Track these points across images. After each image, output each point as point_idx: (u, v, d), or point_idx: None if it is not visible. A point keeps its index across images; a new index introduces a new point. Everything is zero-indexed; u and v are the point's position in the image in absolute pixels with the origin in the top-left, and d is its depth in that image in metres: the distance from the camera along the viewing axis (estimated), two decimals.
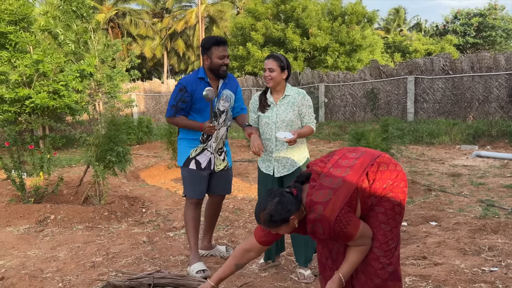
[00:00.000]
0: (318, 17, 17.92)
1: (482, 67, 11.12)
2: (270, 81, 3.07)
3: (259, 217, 2.11)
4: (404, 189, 2.14)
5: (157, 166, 8.39)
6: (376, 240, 2.08)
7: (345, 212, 1.98)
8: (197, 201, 3.30)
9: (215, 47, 3.11)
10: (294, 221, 2.07)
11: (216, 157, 3.33)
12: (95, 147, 4.95)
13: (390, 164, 2.15)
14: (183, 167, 3.28)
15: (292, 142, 2.96)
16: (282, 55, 3.17)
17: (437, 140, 10.44)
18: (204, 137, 3.26)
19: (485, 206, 4.83)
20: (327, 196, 2.01)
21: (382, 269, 2.07)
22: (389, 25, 37.43)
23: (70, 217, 4.53)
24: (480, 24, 28.44)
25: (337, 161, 2.16)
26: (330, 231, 1.99)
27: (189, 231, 3.30)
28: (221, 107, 3.27)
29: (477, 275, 3.07)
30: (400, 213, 2.13)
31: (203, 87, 3.12)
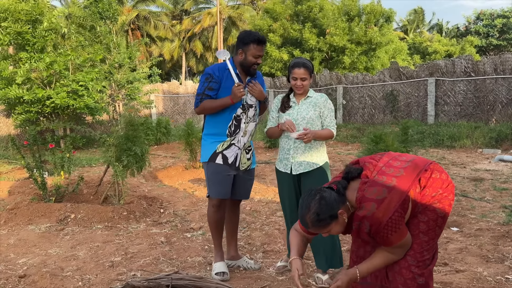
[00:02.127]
0: (334, 17, 17.79)
1: (505, 69, 10.86)
2: (301, 89, 3.07)
3: (306, 221, 1.99)
4: (451, 202, 2.06)
5: (174, 167, 8.45)
6: (411, 249, 2.00)
7: (398, 215, 1.89)
8: (220, 201, 3.18)
9: (254, 45, 3.02)
10: (344, 216, 1.97)
11: (243, 154, 3.21)
12: (114, 147, 5.02)
13: (442, 172, 2.07)
14: (209, 163, 3.14)
15: (306, 139, 2.93)
16: (308, 59, 3.16)
17: (458, 143, 10.22)
18: (231, 130, 3.14)
19: (508, 212, 4.70)
20: (382, 194, 1.91)
21: (412, 280, 1.99)
22: (408, 26, 36.91)
23: (89, 217, 4.59)
24: (504, 25, 27.82)
25: (388, 162, 2.08)
26: (376, 232, 1.90)
27: (213, 233, 3.25)
28: (249, 100, 3.17)
29: (500, 283, 2.99)
30: (441, 226, 2.05)
31: (231, 77, 3.07)
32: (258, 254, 3.70)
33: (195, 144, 7.95)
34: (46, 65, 8.30)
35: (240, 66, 3.12)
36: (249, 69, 3.10)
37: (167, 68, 36.34)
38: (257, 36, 3.04)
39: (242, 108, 3.15)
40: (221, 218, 3.25)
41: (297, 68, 3.04)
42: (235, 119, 3.14)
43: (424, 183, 2.01)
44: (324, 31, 17.96)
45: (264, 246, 3.90)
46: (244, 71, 3.13)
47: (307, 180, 3.09)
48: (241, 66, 3.12)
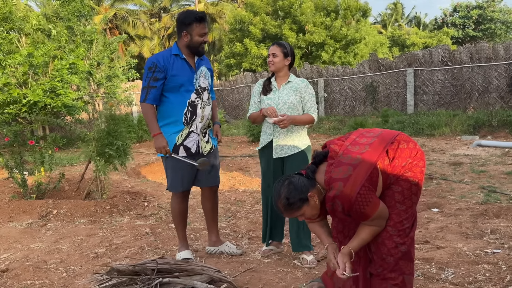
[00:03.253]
0: (313, 12, 17.90)
1: (481, 57, 11.10)
2: (272, 65, 3.11)
3: (279, 207, 2.06)
4: (423, 169, 2.10)
5: (158, 163, 8.39)
6: (391, 219, 2.05)
7: (366, 189, 1.94)
8: (183, 193, 3.14)
9: (197, 24, 2.92)
10: (314, 199, 2.02)
11: (201, 139, 3.11)
12: (95, 142, 4.96)
13: (410, 142, 2.12)
14: (169, 157, 3.02)
15: (282, 125, 2.97)
16: (287, 42, 3.19)
17: (437, 131, 10.42)
18: (187, 117, 3.02)
19: (486, 192, 4.82)
20: (347, 172, 1.95)
21: (395, 248, 2.04)
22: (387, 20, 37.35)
23: (72, 212, 4.54)
24: (479, 16, 28.42)
25: (354, 140, 2.12)
26: (349, 209, 1.95)
27: (177, 224, 3.20)
28: (202, 83, 3.08)
29: (479, 257, 3.08)
30: (416, 194, 2.09)
31: (179, 64, 2.98)
32: (243, 241, 3.72)
33: None
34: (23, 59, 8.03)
35: (187, 48, 3.00)
36: (198, 49, 3.00)
37: None
38: (197, 14, 2.94)
39: (196, 93, 3.04)
40: (185, 209, 3.21)
41: (271, 46, 3.13)
42: (190, 105, 3.02)
43: (392, 154, 2.06)
44: (303, 27, 18.05)
45: (250, 233, 3.92)
46: (192, 52, 3.03)
47: (289, 164, 3.12)
48: (188, 48, 3.00)
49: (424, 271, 2.90)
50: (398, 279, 2.04)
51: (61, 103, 9.04)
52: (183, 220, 3.23)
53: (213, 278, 2.54)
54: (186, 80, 3.01)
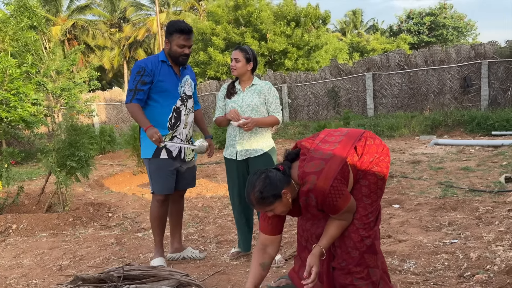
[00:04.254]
0: (272, 21, 18.16)
1: (435, 60, 11.62)
2: (235, 70, 3.15)
3: (250, 198, 2.04)
4: (388, 164, 2.18)
5: (122, 174, 8.25)
6: (357, 213, 2.10)
7: (339, 182, 1.98)
8: (165, 197, 3.15)
9: (177, 35, 2.99)
10: (287, 196, 2.02)
11: (186, 146, 3.18)
12: (55, 153, 4.83)
13: (376, 138, 2.20)
14: (152, 159, 3.07)
15: (246, 127, 3.02)
16: (250, 47, 3.24)
17: (397, 132, 10.79)
18: (172, 123, 3.09)
19: (444, 187, 5.04)
20: (320, 166, 1.99)
21: (360, 242, 2.10)
22: (346, 27, 38.39)
23: (33, 226, 4.39)
24: (432, 23, 29.71)
25: (323, 138, 2.18)
26: (323, 201, 1.98)
27: (155, 229, 3.19)
28: (187, 91, 3.18)
29: (438, 248, 3.22)
30: (381, 188, 2.17)
31: (165, 70, 3.05)
32: (211, 245, 3.72)
33: None
34: None
35: (169, 56, 3.09)
36: (178, 59, 3.06)
37: (109, 78, 35.29)
38: (180, 26, 2.99)
39: (181, 100, 3.13)
40: (165, 213, 3.21)
41: (233, 50, 3.18)
42: (175, 111, 3.11)
43: (360, 151, 2.13)
44: (265, 35, 18.27)
45: (218, 237, 3.92)
46: (173, 61, 3.10)
47: (253, 166, 3.16)
48: (169, 56, 3.08)
49: (388, 263, 3.00)
50: (364, 272, 2.10)
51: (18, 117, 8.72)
52: (161, 225, 3.20)
53: (181, 282, 2.54)
54: (172, 86, 3.08)
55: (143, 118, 2.97)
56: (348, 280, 2.11)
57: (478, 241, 3.25)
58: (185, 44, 3.03)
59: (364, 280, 2.09)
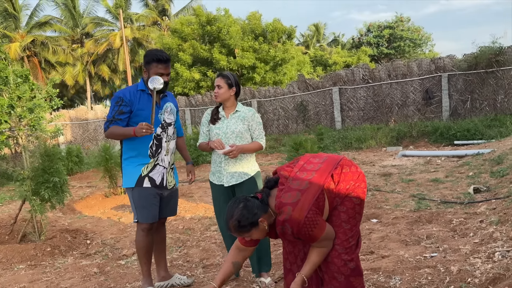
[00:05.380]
0: (240, 37, 18.38)
1: (398, 74, 12.11)
2: (218, 97, 3.20)
3: (229, 226, 2.16)
4: (364, 190, 2.28)
5: (93, 196, 8.04)
6: (338, 238, 2.19)
7: (313, 213, 2.07)
8: (150, 225, 3.12)
9: (155, 64, 3.02)
10: (264, 224, 2.13)
11: (168, 173, 3.21)
12: (30, 180, 4.69)
13: (352, 166, 2.30)
14: (135, 188, 3.05)
15: (231, 155, 3.08)
16: (231, 73, 3.30)
17: (364, 144, 11.12)
18: (153, 150, 3.09)
19: (417, 200, 5.25)
20: (296, 197, 2.09)
21: (344, 266, 2.18)
22: (309, 41, 39.27)
23: (8, 258, 4.22)
24: (391, 35, 30.91)
25: (302, 166, 2.27)
26: (298, 232, 2.07)
27: (142, 258, 3.16)
28: (167, 119, 3.19)
29: (420, 262, 3.35)
30: (359, 212, 2.26)
31: (145, 99, 3.06)
32: (198, 270, 3.71)
33: (115, 169, 7.66)
34: None
35: (146, 85, 3.10)
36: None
37: (71, 94, 34.37)
38: (157, 55, 3.03)
39: (161, 127, 3.15)
40: (150, 242, 3.19)
41: (216, 77, 3.25)
42: (155, 139, 3.11)
43: (337, 179, 2.24)
44: (233, 50, 18.45)
45: (204, 261, 3.91)
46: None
47: (239, 191, 3.21)
48: (147, 84, 3.09)
49: (374, 280, 3.10)
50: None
51: None
52: (148, 254, 3.17)
53: None
54: (148, 115, 3.05)
55: (125, 129, 2.98)
56: None
57: (456, 253, 3.42)
58: (163, 72, 3.06)
59: None
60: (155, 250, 3.35)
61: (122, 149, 3.17)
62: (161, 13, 30.81)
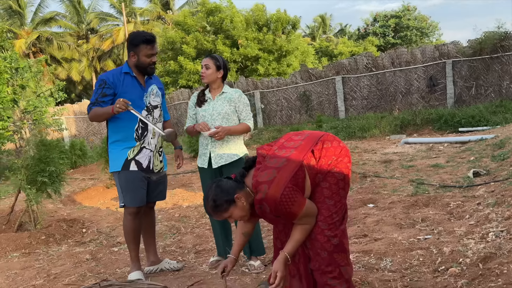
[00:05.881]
0: (244, 27, 18.27)
1: (401, 62, 11.94)
2: (205, 78, 3.15)
3: (207, 209, 2.14)
4: (348, 165, 2.21)
5: (94, 188, 8.07)
6: (321, 214, 2.13)
7: (290, 190, 2.02)
8: (137, 209, 3.10)
9: (144, 45, 3.00)
10: (241, 200, 2.09)
11: (155, 157, 3.18)
12: (24, 169, 4.70)
13: (334, 141, 2.23)
14: (122, 172, 3.03)
15: (217, 136, 3.04)
16: (220, 56, 3.25)
17: (368, 133, 11.00)
18: (139, 133, 3.07)
19: (415, 184, 5.17)
20: (271, 175, 2.04)
21: (327, 242, 2.13)
22: (315, 32, 38.96)
23: (3, 246, 4.23)
24: (397, 25, 30.54)
25: (282, 144, 2.21)
26: (276, 209, 2.02)
27: (130, 243, 3.15)
28: (152, 102, 3.16)
29: (413, 244, 3.29)
30: (344, 188, 2.19)
31: (129, 81, 3.04)
32: (190, 255, 3.69)
33: None
34: None
35: (136, 68, 3.09)
36: (146, 69, 3.08)
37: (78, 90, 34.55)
38: (145, 36, 3.02)
39: (146, 110, 3.11)
40: (138, 226, 3.17)
41: (204, 58, 3.20)
42: (141, 122, 3.07)
43: (318, 154, 2.17)
44: (237, 42, 18.35)
45: (196, 247, 3.90)
46: (141, 72, 3.10)
47: (227, 172, 3.16)
48: (137, 67, 3.08)
49: (364, 262, 3.05)
50: (335, 271, 2.13)
51: None
52: (136, 239, 3.15)
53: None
54: (136, 97, 3.06)
55: (105, 108, 2.95)
56: (323, 280, 2.15)
57: (451, 235, 3.35)
58: (152, 53, 3.05)
59: (337, 279, 2.13)
60: (144, 235, 3.33)
61: (108, 132, 3.14)
62: (164, 7, 30.76)
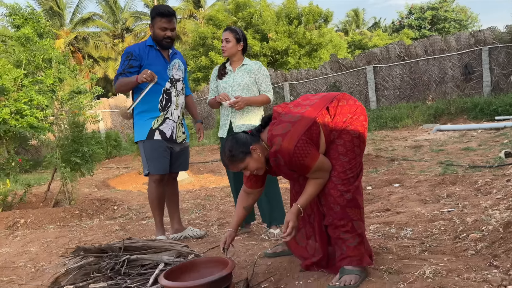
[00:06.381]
0: (274, 21, 18.27)
1: (435, 50, 11.63)
2: (226, 51, 3.23)
3: (224, 161, 2.20)
4: (364, 123, 2.22)
5: (127, 174, 8.36)
6: (334, 170, 2.16)
7: (304, 142, 2.05)
8: (161, 177, 3.22)
9: (159, 18, 3.09)
10: (257, 152, 2.15)
11: (178, 128, 3.29)
12: (59, 149, 4.94)
13: (349, 99, 2.25)
14: (146, 141, 3.15)
15: (237, 106, 3.10)
16: (239, 28, 3.32)
17: (400, 123, 10.80)
18: (163, 104, 3.18)
19: (444, 166, 5.06)
20: (286, 128, 2.09)
21: (340, 196, 2.15)
22: (347, 27, 38.42)
23: (40, 219, 4.49)
24: (434, 17, 29.66)
25: (298, 102, 2.27)
26: (290, 161, 2.06)
27: (154, 209, 3.28)
28: (175, 75, 3.27)
29: (436, 216, 3.25)
30: (359, 146, 2.20)
31: (153, 54, 3.16)
32: (213, 227, 3.78)
33: None
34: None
35: (154, 41, 3.19)
36: (161, 42, 3.16)
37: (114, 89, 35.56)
38: (160, 9, 3.11)
39: (170, 82, 3.23)
40: (162, 194, 3.29)
41: (224, 31, 3.25)
42: (165, 93, 3.19)
43: (333, 112, 2.20)
44: (266, 36, 18.38)
45: (220, 220, 3.99)
46: (159, 45, 3.19)
47: None
48: (154, 40, 3.19)
49: (384, 232, 3.04)
50: (348, 225, 2.15)
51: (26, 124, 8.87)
52: (160, 205, 3.29)
53: (181, 252, 2.59)
54: (160, 69, 3.18)
55: (130, 78, 3.06)
56: (336, 234, 2.17)
57: (476, 208, 3.28)
58: (166, 26, 3.13)
59: (349, 233, 2.14)
60: (168, 204, 3.45)
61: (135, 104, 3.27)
62: (196, 5, 31.20)
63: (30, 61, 9.77)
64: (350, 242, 2.16)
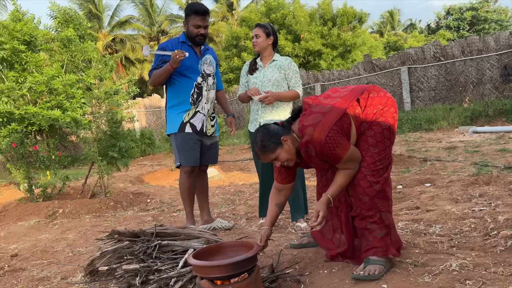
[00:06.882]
0: (307, 22, 18.25)
1: (472, 50, 11.30)
2: (256, 46, 3.31)
3: (256, 151, 2.24)
4: (394, 115, 2.24)
5: (161, 170, 8.57)
6: (364, 161, 2.18)
7: (335, 132, 2.08)
8: (192, 168, 3.34)
9: (193, 16, 3.22)
10: (288, 142, 2.18)
11: (208, 121, 3.39)
12: (97, 143, 5.16)
13: (380, 91, 2.27)
14: (178, 133, 3.28)
15: (267, 101, 3.16)
16: (269, 23, 3.40)
17: (435, 125, 10.55)
18: (194, 98, 3.30)
19: (479, 166, 4.94)
20: (317, 119, 2.12)
21: (369, 187, 2.17)
22: (382, 28, 37.81)
23: (77, 209, 4.70)
24: (473, 17, 28.73)
25: (328, 94, 2.31)
26: (321, 151, 2.09)
27: (185, 200, 3.40)
28: (206, 70, 3.38)
29: (466, 214, 3.19)
30: (389, 137, 2.22)
31: (185, 50, 3.27)
32: (241, 221, 3.86)
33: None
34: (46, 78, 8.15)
35: (187, 37, 3.32)
36: (194, 39, 3.28)
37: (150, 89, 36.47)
38: (195, 7, 3.23)
39: (201, 77, 3.34)
40: (192, 185, 3.41)
41: (254, 28, 3.34)
42: (196, 87, 3.31)
43: (363, 103, 2.22)
44: (299, 36, 18.39)
45: (248, 215, 4.06)
46: (191, 41, 3.31)
47: None
48: (187, 37, 3.31)
49: (413, 228, 3.02)
50: (376, 216, 2.16)
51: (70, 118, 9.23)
52: (191, 196, 3.41)
53: (210, 240, 2.68)
54: (192, 64, 3.31)
55: (163, 68, 3.18)
56: (362, 225, 2.19)
57: (509, 207, 3.20)
58: (200, 24, 3.25)
59: (377, 224, 2.16)
60: (198, 196, 3.57)
61: (167, 98, 3.43)
62: (229, 8, 31.55)
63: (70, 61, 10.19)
64: (377, 232, 2.18)
